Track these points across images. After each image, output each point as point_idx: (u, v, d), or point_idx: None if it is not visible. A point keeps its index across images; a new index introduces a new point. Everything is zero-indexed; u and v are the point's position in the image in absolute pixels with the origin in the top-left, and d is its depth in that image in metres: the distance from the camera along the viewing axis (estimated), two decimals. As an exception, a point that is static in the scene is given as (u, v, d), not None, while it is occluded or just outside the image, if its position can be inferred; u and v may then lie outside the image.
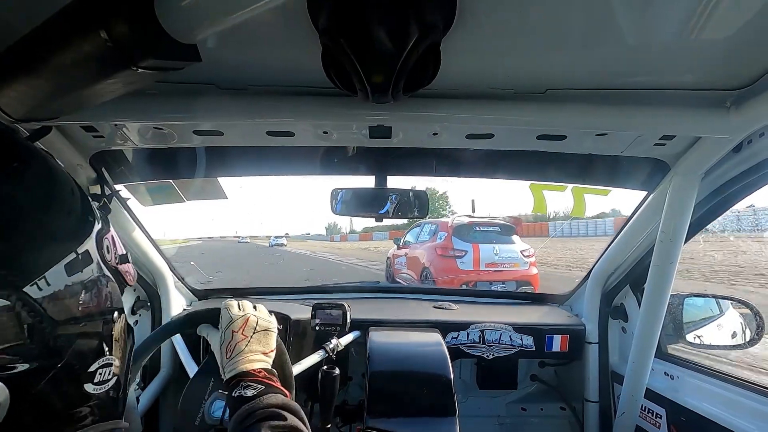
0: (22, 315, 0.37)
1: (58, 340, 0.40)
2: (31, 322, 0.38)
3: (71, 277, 0.42)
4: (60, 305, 0.41)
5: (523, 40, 0.67)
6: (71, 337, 0.42)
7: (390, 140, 1.04)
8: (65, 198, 0.46)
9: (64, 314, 0.41)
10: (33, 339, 0.38)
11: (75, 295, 0.43)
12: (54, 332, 0.40)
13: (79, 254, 0.44)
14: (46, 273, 0.39)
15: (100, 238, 0.48)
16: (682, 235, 1.11)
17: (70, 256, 0.42)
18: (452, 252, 6.29)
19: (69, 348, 0.42)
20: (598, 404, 1.62)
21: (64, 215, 0.45)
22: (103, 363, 0.46)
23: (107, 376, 0.47)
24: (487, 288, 5.91)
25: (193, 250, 24.42)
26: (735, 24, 0.61)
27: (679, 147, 1.03)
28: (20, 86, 0.49)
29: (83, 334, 0.44)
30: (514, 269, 6.28)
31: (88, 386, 0.44)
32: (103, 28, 0.41)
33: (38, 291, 0.38)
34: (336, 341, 1.32)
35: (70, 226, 0.45)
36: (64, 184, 0.46)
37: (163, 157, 1.19)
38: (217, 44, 0.68)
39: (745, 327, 1.45)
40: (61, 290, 0.41)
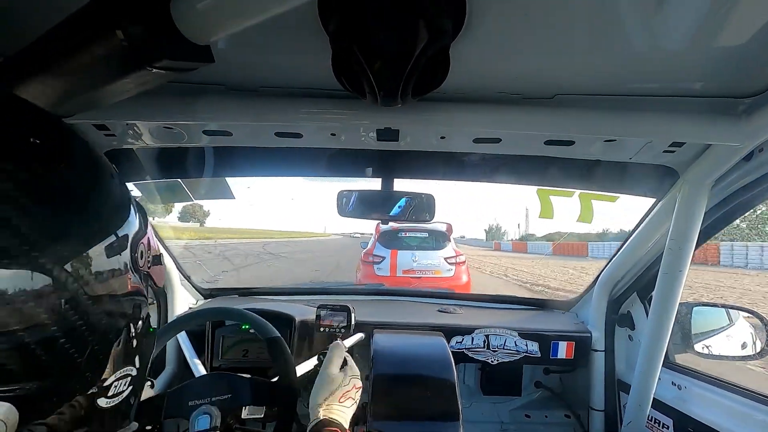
0: (61, 290, 0.36)
1: (87, 320, 0.38)
2: (68, 298, 0.36)
3: (110, 259, 0.41)
4: (96, 287, 0.39)
5: (532, 45, 0.67)
6: (97, 319, 0.40)
7: (397, 143, 1.05)
8: (105, 179, 0.45)
9: (96, 293, 0.39)
10: (65, 315, 0.36)
11: (109, 279, 0.41)
12: (86, 311, 0.38)
13: (119, 237, 0.43)
14: (88, 251, 0.39)
15: (135, 242, 0.46)
16: (692, 243, 1.10)
17: (111, 238, 0.42)
18: (371, 258, 6.16)
19: (93, 331, 0.39)
20: (604, 413, 1.60)
21: (106, 196, 0.44)
22: (120, 375, 0.44)
23: (123, 388, 0.45)
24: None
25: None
26: (747, 31, 0.61)
27: (689, 154, 1.02)
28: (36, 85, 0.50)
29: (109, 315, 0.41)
30: (434, 275, 6.00)
31: (101, 401, 0.42)
32: (119, 28, 0.42)
33: (80, 268, 0.37)
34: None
35: (112, 206, 0.44)
36: (101, 165, 0.46)
37: (173, 157, 1.20)
38: (228, 46, 0.69)
39: (755, 338, 1.43)
40: (99, 271, 0.40)
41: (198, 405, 0.89)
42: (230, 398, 0.92)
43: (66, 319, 0.37)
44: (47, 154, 0.40)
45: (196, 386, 0.93)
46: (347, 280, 10.33)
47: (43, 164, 0.38)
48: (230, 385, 0.93)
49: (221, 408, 0.89)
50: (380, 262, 6.11)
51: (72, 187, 0.40)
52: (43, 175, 0.38)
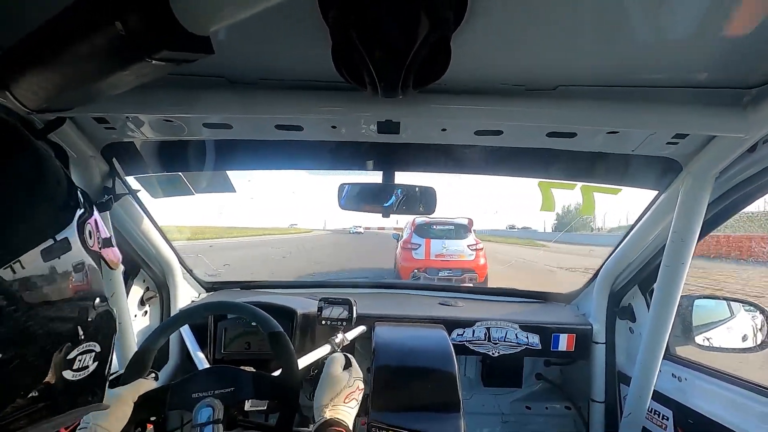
0: (16, 284, 0.38)
1: (31, 325, 0.41)
2: (3, 305, 0.38)
3: (48, 262, 0.43)
4: (35, 290, 0.41)
5: (535, 36, 0.67)
6: (45, 322, 0.42)
7: (398, 136, 1.04)
8: (48, 187, 0.47)
9: (38, 299, 0.42)
10: (4, 323, 0.38)
11: (51, 281, 0.43)
12: (27, 317, 0.40)
13: (57, 241, 0.45)
14: (20, 257, 0.40)
15: (81, 223, 0.49)
16: (695, 235, 1.10)
17: (48, 242, 0.43)
18: (410, 245, 8.03)
19: (44, 334, 0.42)
20: (604, 404, 1.61)
21: (43, 202, 0.46)
22: (83, 350, 0.47)
23: (87, 362, 0.47)
24: (435, 273, 7.65)
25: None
26: (752, 21, 0.60)
27: (692, 146, 1.02)
28: (35, 77, 0.50)
29: (59, 319, 0.44)
30: (460, 259, 7.81)
31: (67, 373, 0.45)
32: (118, 19, 0.41)
33: (12, 274, 0.39)
34: (342, 336, 1.32)
35: (49, 213, 0.46)
36: (47, 173, 0.47)
37: (173, 150, 1.20)
38: (229, 38, 0.68)
39: (756, 330, 1.43)
40: (36, 275, 0.42)
41: (201, 397, 0.89)
42: (233, 391, 0.92)
43: (21, 297, 0.40)
44: None
45: (200, 379, 0.94)
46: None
47: None
48: (233, 379, 0.94)
49: (224, 401, 0.90)
50: (417, 249, 7.93)
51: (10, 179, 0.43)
52: None
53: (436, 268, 7.74)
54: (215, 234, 25.02)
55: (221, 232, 25.86)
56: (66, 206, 0.48)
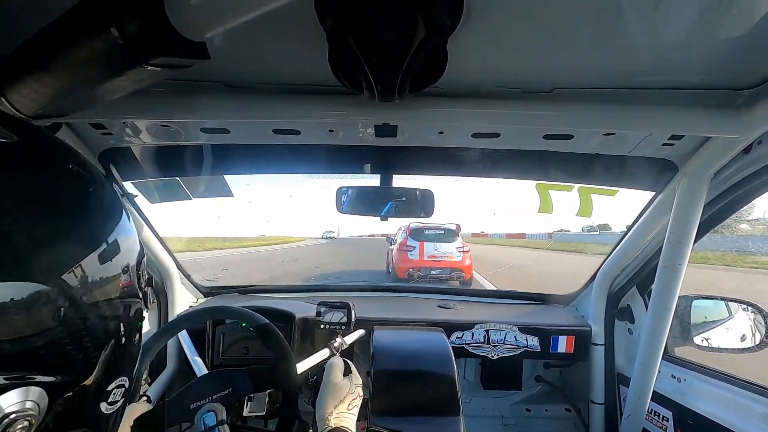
0: (59, 303, 0.37)
1: (85, 326, 0.40)
2: (67, 306, 0.37)
3: (103, 266, 0.42)
4: (92, 293, 0.40)
5: (531, 39, 0.67)
6: (95, 322, 0.41)
7: (396, 139, 1.04)
8: (96, 189, 0.46)
9: (94, 299, 0.41)
10: (66, 324, 0.38)
11: (105, 285, 0.42)
12: (84, 318, 0.39)
13: (109, 244, 0.44)
14: (82, 261, 0.39)
15: (139, 262, 0.48)
16: (691, 236, 1.10)
17: (103, 245, 0.43)
18: (405, 247, 9.22)
19: (95, 359, 0.41)
20: (604, 406, 1.61)
21: (97, 206, 0.46)
22: (118, 383, 0.45)
23: (118, 397, 0.46)
24: (427, 272, 8.92)
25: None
26: (746, 22, 0.60)
27: (688, 147, 1.02)
28: (31, 83, 0.50)
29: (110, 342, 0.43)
30: (449, 260, 9.06)
31: (103, 405, 0.44)
32: (114, 25, 0.41)
33: (75, 279, 0.38)
34: (341, 340, 1.32)
35: (102, 215, 0.46)
36: (94, 176, 0.47)
37: (170, 155, 1.20)
38: (225, 42, 0.68)
39: (755, 330, 1.43)
40: (95, 279, 0.41)
41: (200, 405, 0.89)
42: (231, 392, 0.92)
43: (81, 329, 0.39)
44: (25, 161, 0.41)
45: (195, 388, 0.93)
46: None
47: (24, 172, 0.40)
48: (229, 380, 0.94)
49: (224, 403, 0.90)
50: (412, 250, 9.14)
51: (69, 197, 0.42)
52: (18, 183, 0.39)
53: (428, 267, 9.04)
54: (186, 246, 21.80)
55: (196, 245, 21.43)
56: (113, 204, 0.48)
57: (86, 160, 0.48)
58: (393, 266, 9.73)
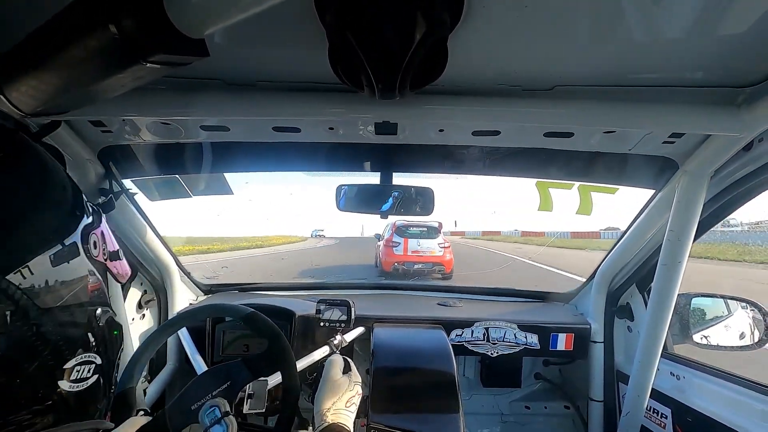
0: (3, 302, 0.38)
1: (36, 331, 0.40)
2: (13, 309, 0.38)
3: (56, 267, 0.43)
4: (40, 296, 0.41)
5: (531, 36, 0.67)
6: (44, 329, 0.41)
7: (396, 137, 1.04)
8: (54, 192, 0.47)
9: (42, 305, 0.41)
10: (11, 327, 0.38)
11: (55, 287, 0.43)
12: (34, 321, 0.40)
13: (66, 246, 0.44)
14: (30, 262, 0.40)
15: (86, 233, 0.48)
16: (691, 234, 1.10)
17: (56, 247, 0.43)
18: (391, 243, 9.97)
19: (41, 341, 0.41)
20: (603, 403, 1.61)
21: (51, 208, 0.46)
22: (81, 360, 0.45)
23: (86, 374, 0.46)
24: (411, 266, 9.70)
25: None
26: (746, 20, 0.60)
27: (688, 145, 1.02)
28: (31, 81, 0.50)
29: (58, 326, 0.43)
30: (431, 255, 9.84)
31: (63, 383, 0.43)
32: (112, 22, 0.41)
33: (21, 279, 0.39)
34: (341, 337, 1.32)
35: (58, 218, 0.46)
36: (53, 179, 0.47)
37: (170, 152, 1.20)
38: (224, 40, 0.68)
39: (753, 328, 1.44)
40: (45, 280, 0.42)
41: (202, 404, 0.88)
42: (230, 384, 0.91)
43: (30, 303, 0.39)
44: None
45: (193, 388, 0.93)
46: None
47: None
48: (226, 373, 0.93)
49: (226, 397, 0.89)
50: (397, 246, 9.92)
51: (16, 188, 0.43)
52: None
53: (411, 261, 9.80)
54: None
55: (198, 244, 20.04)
56: (73, 211, 0.48)
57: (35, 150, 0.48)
58: (380, 261, 10.53)
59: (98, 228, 0.51)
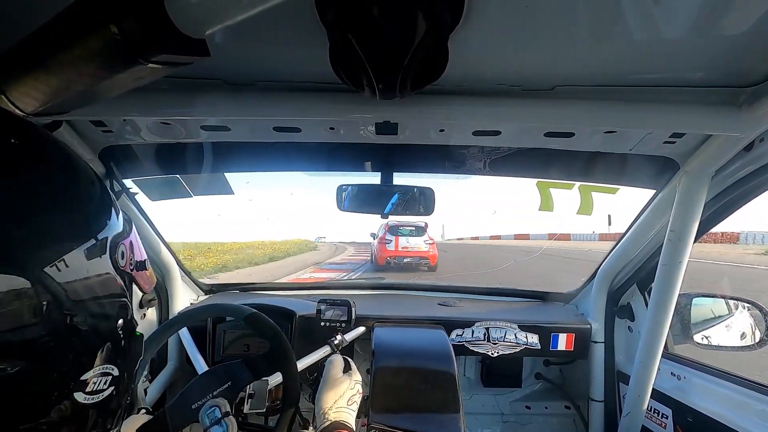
0: (42, 297, 0.37)
1: (70, 323, 0.40)
2: (50, 300, 0.38)
3: (90, 261, 0.42)
4: (77, 288, 0.41)
5: (532, 36, 0.67)
6: (67, 334, 0.40)
7: (396, 137, 1.04)
8: (85, 186, 0.47)
9: (79, 297, 0.41)
10: (46, 317, 0.37)
11: (91, 281, 0.42)
12: (68, 312, 0.40)
13: (99, 240, 0.44)
14: (66, 256, 0.40)
15: (115, 244, 0.47)
16: (692, 234, 1.10)
17: (90, 241, 0.43)
18: (384, 240, 12.10)
19: (62, 347, 0.40)
20: (604, 403, 1.61)
21: (83, 202, 0.46)
22: (99, 372, 0.44)
23: (102, 386, 0.44)
24: (401, 260, 11.92)
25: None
26: (748, 19, 0.60)
27: (689, 145, 1.02)
28: (31, 81, 0.50)
29: (79, 334, 0.42)
30: (418, 251, 12.02)
31: (79, 395, 0.42)
32: (113, 22, 0.41)
33: (57, 272, 0.38)
34: (341, 337, 1.32)
35: (90, 212, 0.46)
36: (83, 173, 0.47)
37: (171, 152, 1.20)
38: (225, 40, 0.68)
39: (754, 328, 1.43)
40: (80, 274, 0.41)
41: (202, 404, 0.89)
42: (231, 384, 0.92)
43: (44, 312, 0.38)
44: (24, 158, 0.41)
45: (194, 388, 0.93)
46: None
47: (21, 168, 0.40)
48: (227, 373, 0.94)
49: (226, 397, 0.90)
50: (389, 243, 12.02)
51: (50, 191, 0.42)
52: (22, 179, 0.40)
53: (401, 256, 11.98)
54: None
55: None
56: (104, 204, 0.48)
57: (74, 155, 0.48)
58: (375, 256, 12.72)
59: (128, 238, 0.51)
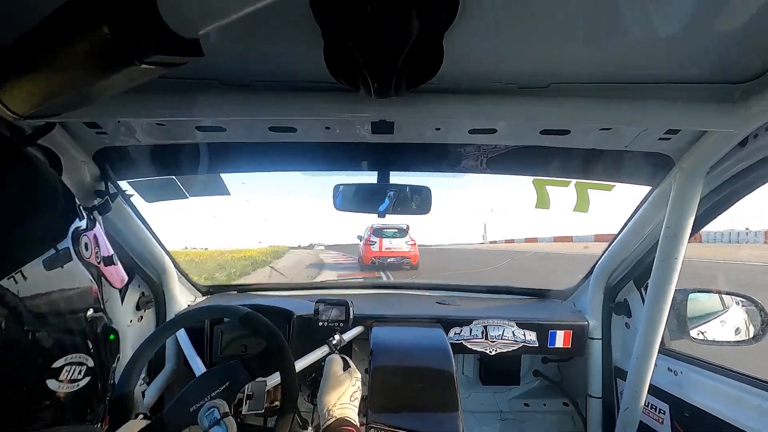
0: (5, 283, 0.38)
1: (29, 336, 0.40)
2: (6, 314, 0.38)
3: (50, 272, 0.43)
4: (36, 300, 0.41)
5: (526, 34, 0.67)
6: (40, 332, 0.42)
7: (392, 135, 1.04)
8: (46, 197, 0.47)
9: (38, 309, 0.41)
10: (4, 331, 0.38)
11: (51, 291, 0.43)
12: (27, 327, 0.40)
13: (60, 250, 0.45)
14: (23, 267, 0.40)
15: (77, 235, 0.48)
16: (687, 230, 1.11)
17: (50, 252, 0.43)
18: (369, 242, 13.36)
19: (31, 339, 0.41)
20: (601, 400, 1.62)
21: (44, 213, 0.46)
22: (71, 360, 0.45)
23: (77, 376, 0.45)
24: (384, 260, 13.10)
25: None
26: (741, 16, 0.60)
27: (684, 141, 1.02)
28: (24, 82, 0.49)
29: (52, 328, 0.43)
30: (400, 251, 13.22)
31: (51, 383, 0.43)
32: (105, 23, 0.41)
33: (14, 284, 0.39)
34: (339, 337, 1.32)
35: (51, 223, 0.46)
36: (45, 183, 0.47)
37: (166, 154, 1.19)
38: (219, 40, 0.67)
39: (749, 323, 1.45)
40: (38, 285, 0.42)
41: (201, 405, 0.88)
42: (229, 385, 0.91)
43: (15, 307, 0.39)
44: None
45: (192, 390, 0.93)
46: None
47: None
48: (224, 374, 0.93)
49: (225, 398, 0.89)
50: (374, 244, 13.25)
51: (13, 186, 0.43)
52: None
53: (385, 256, 13.12)
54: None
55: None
56: (66, 215, 0.48)
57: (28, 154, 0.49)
58: (361, 256, 14.04)
59: (91, 231, 0.51)
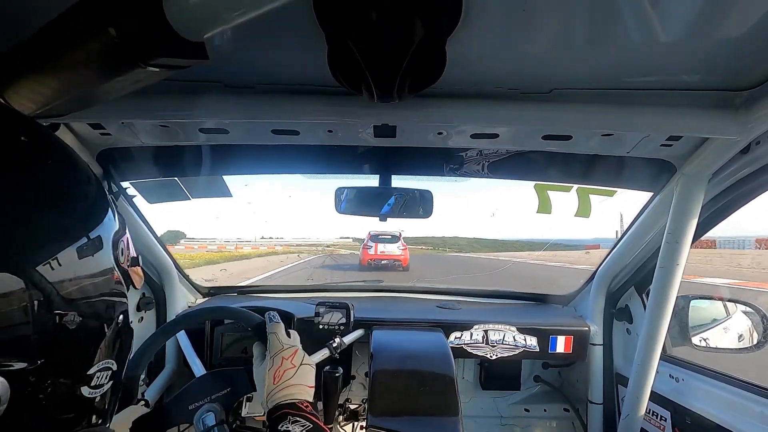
0: (34, 295, 0.37)
1: (60, 331, 0.40)
2: (41, 300, 0.37)
3: (82, 260, 0.42)
4: (70, 288, 0.41)
5: (529, 40, 0.67)
6: (74, 330, 0.41)
7: (394, 139, 1.04)
8: (81, 184, 0.47)
9: (71, 296, 0.41)
10: (38, 317, 0.38)
11: (84, 280, 0.43)
12: (59, 313, 0.39)
13: (91, 239, 0.44)
14: (58, 254, 0.40)
15: (116, 240, 0.48)
16: (689, 236, 1.10)
17: (82, 240, 0.43)
18: (367, 246, 15.70)
19: (71, 342, 0.41)
20: (602, 406, 1.61)
21: (78, 200, 0.46)
22: (101, 366, 0.45)
23: (103, 380, 0.46)
24: (379, 262, 15.20)
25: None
26: (744, 23, 0.61)
27: (686, 148, 1.02)
28: (29, 83, 0.50)
29: (85, 330, 0.43)
30: (393, 254, 15.40)
31: (84, 389, 0.43)
32: (112, 25, 0.41)
33: (50, 271, 0.38)
34: (339, 340, 1.32)
35: (84, 210, 0.46)
36: (80, 172, 0.47)
37: (169, 155, 1.19)
38: (224, 43, 0.68)
39: (752, 330, 1.44)
40: (72, 273, 0.41)
41: (199, 406, 0.88)
42: (229, 392, 0.91)
43: (53, 310, 0.39)
44: (29, 157, 0.42)
45: (194, 389, 0.93)
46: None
47: (25, 166, 0.41)
48: (228, 380, 0.93)
49: (223, 403, 0.89)
50: (371, 248, 15.54)
51: (50, 190, 0.42)
52: (25, 177, 0.40)
53: (379, 259, 15.24)
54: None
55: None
56: (98, 203, 0.48)
57: (75, 155, 0.49)
58: (360, 259, 16.26)
59: (126, 234, 0.52)
